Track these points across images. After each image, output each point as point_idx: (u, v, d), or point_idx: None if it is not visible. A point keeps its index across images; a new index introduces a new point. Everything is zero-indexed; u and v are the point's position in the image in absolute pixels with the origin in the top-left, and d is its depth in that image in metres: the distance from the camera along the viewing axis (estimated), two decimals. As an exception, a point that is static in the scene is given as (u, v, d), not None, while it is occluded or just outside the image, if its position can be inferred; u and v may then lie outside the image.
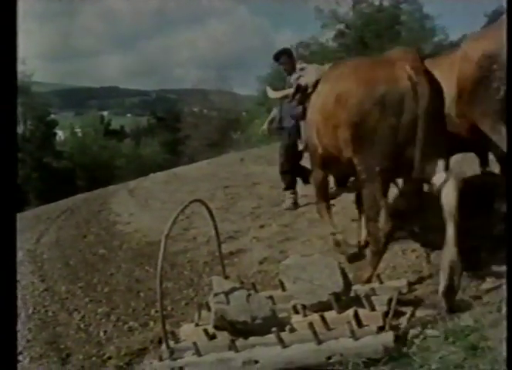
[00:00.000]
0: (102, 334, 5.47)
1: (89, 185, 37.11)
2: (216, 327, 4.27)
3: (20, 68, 46.57)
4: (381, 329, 3.96)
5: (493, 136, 5.14)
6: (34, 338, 5.72)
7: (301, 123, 6.74)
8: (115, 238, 9.56)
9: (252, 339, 4.09)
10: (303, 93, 6.32)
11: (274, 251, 7.13)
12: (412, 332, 4.11)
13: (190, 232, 8.85)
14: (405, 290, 4.79)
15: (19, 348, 5.45)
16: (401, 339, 3.93)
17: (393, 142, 4.65)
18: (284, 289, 4.91)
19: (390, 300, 4.34)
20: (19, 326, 6.17)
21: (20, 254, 9.83)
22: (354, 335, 3.84)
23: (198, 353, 4.09)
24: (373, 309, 4.16)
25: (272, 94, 7.57)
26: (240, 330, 4.15)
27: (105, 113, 70.20)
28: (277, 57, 9.12)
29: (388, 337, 3.85)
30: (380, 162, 4.73)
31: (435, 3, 57.61)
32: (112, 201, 13.62)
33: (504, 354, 3.21)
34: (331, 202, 6.68)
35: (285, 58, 9.12)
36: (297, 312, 4.41)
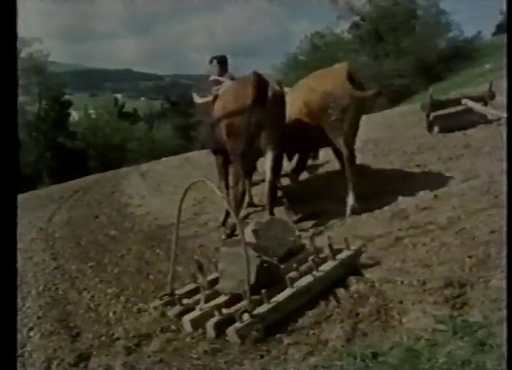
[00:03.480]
0: (111, 314, 5.50)
1: (101, 166, 37.28)
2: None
3: (37, 47, 46.81)
4: None
5: (334, 141, 7.87)
6: (44, 315, 5.75)
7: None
8: (126, 220, 9.63)
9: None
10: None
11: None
12: (420, 326, 4.16)
13: (201, 217, 8.90)
14: None
15: (30, 325, 5.52)
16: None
17: (246, 135, 7.20)
18: None
19: None
20: (30, 302, 6.26)
21: (33, 232, 9.92)
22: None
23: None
24: None
25: (198, 100, 9.18)
26: None
27: (119, 96, 70.16)
28: (211, 60, 9.26)
29: None
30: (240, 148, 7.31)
31: (451, -1, 57.48)
32: (124, 183, 13.70)
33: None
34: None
35: (217, 64, 9.20)
36: None
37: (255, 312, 4.53)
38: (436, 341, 3.85)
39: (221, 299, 4.99)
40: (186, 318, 4.79)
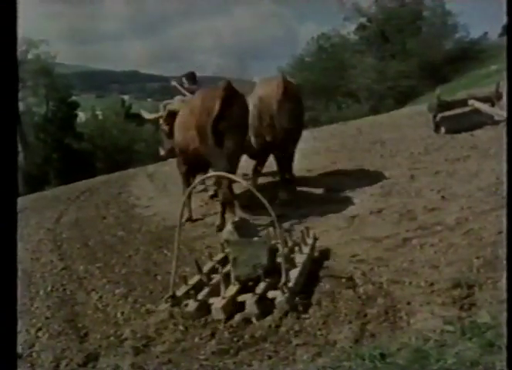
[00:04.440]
0: (119, 315, 5.51)
1: (108, 167, 37.26)
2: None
3: (44, 49, 46.91)
4: None
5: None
6: (52, 316, 5.78)
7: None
8: (134, 221, 9.64)
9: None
10: (172, 116, 9.17)
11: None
12: (428, 327, 4.16)
13: (209, 218, 8.90)
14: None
15: (38, 325, 5.54)
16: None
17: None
18: None
19: None
20: (38, 303, 6.28)
21: (40, 233, 9.95)
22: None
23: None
24: None
25: (146, 115, 10.40)
26: None
27: (126, 97, 70.12)
28: (182, 78, 10.55)
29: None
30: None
31: (457, 0, 57.35)
32: (131, 184, 13.72)
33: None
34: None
35: (186, 80, 10.46)
36: None
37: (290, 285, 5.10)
38: (444, 342, 3.85)
39: (234, 288, 5.32)
40: (217, 306, 5.01)
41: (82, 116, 54.59)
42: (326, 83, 46.53)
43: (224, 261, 6.00)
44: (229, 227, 6.47)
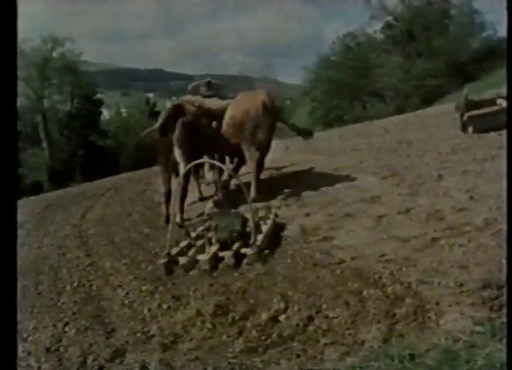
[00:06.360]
0: (146, 311, 5.52)
1: (132, 165, 37.43)
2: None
3: (69, 47, 47.35)
4: None
5: (246, 150, 9.89)
6: (79, 311, 5.80)
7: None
8: (159, 218, 9.64)
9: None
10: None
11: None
12: (458, 328, 4.11)
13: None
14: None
15: (65, 320, 5.57)
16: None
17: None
18: None
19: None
20: (65, 298, 6.31)
21: (66, 228, 10.02)
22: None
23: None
24: None
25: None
26: None
27: (150, 95, 70.39)
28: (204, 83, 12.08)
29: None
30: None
31: (485, -2, 56.91)
32: (156, 181, 13.70)
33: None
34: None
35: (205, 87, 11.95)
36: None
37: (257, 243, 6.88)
38: (474, 342, 3.80)
39: (215, 247, 6.95)
40: (202, 258, 6.65)
41: (106, 113, 55.01)
42: (351, 82, 46.44)
43: (207, 230, 7.66)
44: (210, 204, 9.30)
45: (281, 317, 4.86)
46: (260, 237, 7.07)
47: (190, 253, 6.90)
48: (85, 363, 4.57)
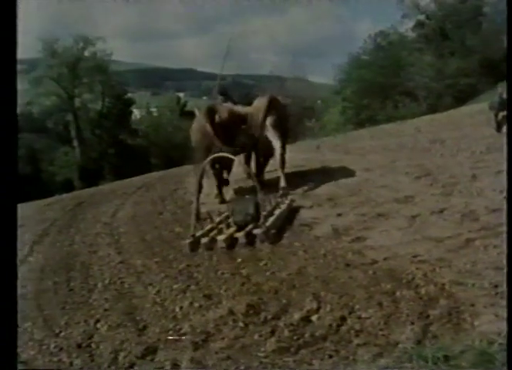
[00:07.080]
0: (177, 309, 5.52)
1: (162, 164, 37.68)
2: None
3: (100, 46, 47.81)
4: None
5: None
6: (111, 308, 5.83)
7: None
8: (190, 217, 9.63)
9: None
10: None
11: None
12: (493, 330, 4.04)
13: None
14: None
15: (97, 316, 5.60)
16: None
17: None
18: None
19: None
20: (96, 295, 6.35)
21: (97, 226, 10.09)
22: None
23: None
24: None
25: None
26: None
27: (181, 94, 70.66)
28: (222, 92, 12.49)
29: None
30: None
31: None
32: (187, 181, 13.76)
33: None
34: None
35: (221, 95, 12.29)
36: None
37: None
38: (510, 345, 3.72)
39: (232, 229, 7.90)
40: (221, 239, 7.55)
41: (137, 112, 55.37)
42: (383, 81, 46.01)
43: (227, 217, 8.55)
44: (231, 192, 10.91)
45: (314, 318, 4.84)
46: (271, 219, 8.01)
47: (211, 234, 7.82)
48: (116, 360, 4.59)
